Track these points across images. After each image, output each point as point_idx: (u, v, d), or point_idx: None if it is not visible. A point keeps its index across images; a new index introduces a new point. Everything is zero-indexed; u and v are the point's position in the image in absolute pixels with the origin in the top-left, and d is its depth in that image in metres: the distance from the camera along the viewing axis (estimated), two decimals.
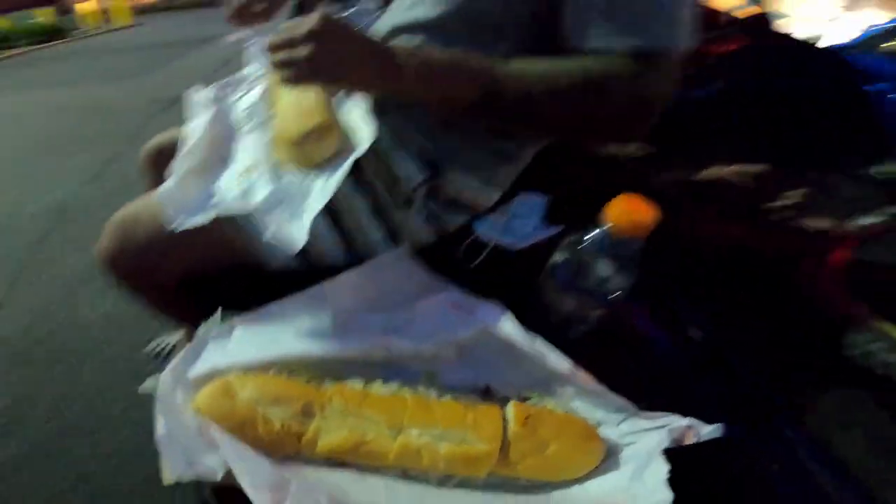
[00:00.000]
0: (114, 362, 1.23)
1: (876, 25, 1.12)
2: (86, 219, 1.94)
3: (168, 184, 0.52)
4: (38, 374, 1.24)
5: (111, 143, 2.80)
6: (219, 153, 0.59)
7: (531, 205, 0.61)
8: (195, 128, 0.60)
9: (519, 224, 0.60)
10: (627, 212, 0.45)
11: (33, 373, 1.25)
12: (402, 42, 0.57)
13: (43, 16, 13.41)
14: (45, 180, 2.36)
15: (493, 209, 0.62)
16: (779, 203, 0.74)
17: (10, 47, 10.03)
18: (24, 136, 3.17)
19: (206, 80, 0.72)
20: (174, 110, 3.35)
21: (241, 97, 0.70)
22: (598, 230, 0.46)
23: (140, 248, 0.58)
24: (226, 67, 4.54)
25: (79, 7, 14.76)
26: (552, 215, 0.60)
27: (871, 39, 1.07)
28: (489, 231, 0.59)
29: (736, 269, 0.72)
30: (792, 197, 0.74)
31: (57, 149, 2.82)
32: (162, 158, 0.77)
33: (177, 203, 0.50)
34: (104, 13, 15.22)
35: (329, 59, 0.46)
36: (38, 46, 10.05)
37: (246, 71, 0.74)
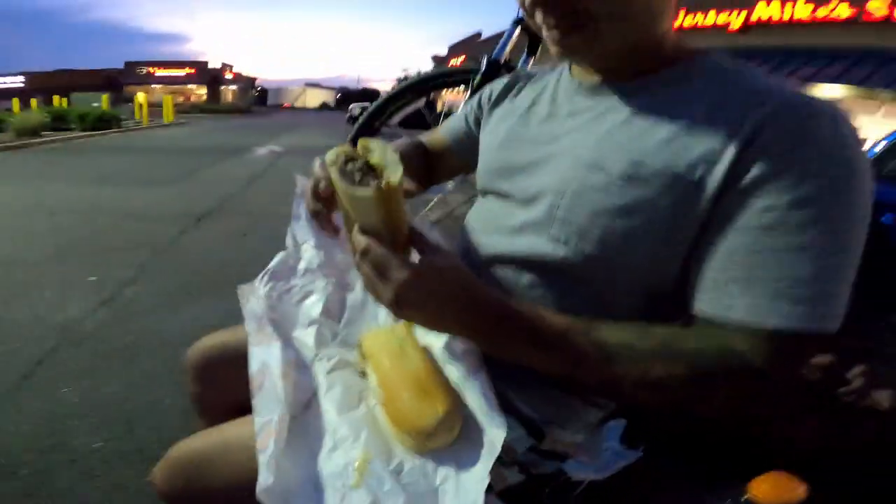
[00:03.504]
0: None
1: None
2: (88, 347, 1.83)
3: (267, 477, 0.44)
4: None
5: (134, 259, 2.77)
6: (298, 397, 0.54)
7: (608, 428, 0.56)
8: (264, 366, 0.55)
9: (605, 454, 0.56)
10: (777, 490, 0.40)
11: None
12: (507, 279, 0.57)
13: (103, 101, 14.69)
14: (56, 294, 2.28)
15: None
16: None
17: (64, 129, 10.77)
18: (48, 237, 3.15)
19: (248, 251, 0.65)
20: (202, 227, 3.43)
21: (300, 299, 0.67)
22: None
23: (213, 500, 0.54)
24: (254, 183, 4.93)
25: (137, 97, 16.15)
26: (631, 437, 0.56)
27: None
28: (581, 471, 0.54)
29: None
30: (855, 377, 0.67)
31: (77, 257, 2.78)
32: (209, 371, 0.76)
33: (279, 497, 0.44)
34: (155, 108, 16.71)
35: (415, 312, 0.46)
36: (89, 133, 10.75)
37: (302, 258, 0.70)
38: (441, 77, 1.91)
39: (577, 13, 0.48)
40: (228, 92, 49.86)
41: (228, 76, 50.66)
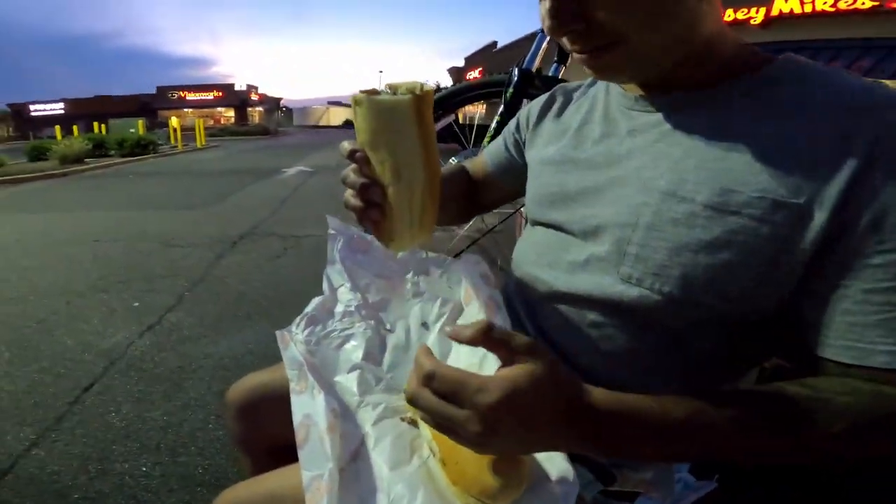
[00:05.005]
0: None
1: None
2: (134, 373, 1.88)
3: None
4: None
5: (175, 285, 2.85)
6: (346, 447, 0.51)
7: None
8: (307, 417, 0.53)
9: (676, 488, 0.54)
10: None
11: None
12: (569, 316, 0.53)
13: (139, 126, 15.36)
14: (100, 323, 2.35)
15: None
16: None
17: (103, 156, 11.33)
18: (93, 265, 3.27)
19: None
20: (238, 250, 3.50)
21: (339, 343, 0.65)
22: None
23: None
24: (285, 205, 5.05)
25: (171, 122, 16.85)
26: (703, 467, 0.54)
27: None
28: None
29: None
30: None
31: (120, 284, 2.87)
32: (251, 412, 0.74)
33: None
34: (187, 132, 17.36)
35: (505, 444, 0.38)
36: (128, 159, 11.27)
37: (339, 300, 0.69)
38: (469, 90, 1.88)
39: (603, 32, 0.43)
40: (255, 113, 51.50)
41: (254, 97, 52.30)
